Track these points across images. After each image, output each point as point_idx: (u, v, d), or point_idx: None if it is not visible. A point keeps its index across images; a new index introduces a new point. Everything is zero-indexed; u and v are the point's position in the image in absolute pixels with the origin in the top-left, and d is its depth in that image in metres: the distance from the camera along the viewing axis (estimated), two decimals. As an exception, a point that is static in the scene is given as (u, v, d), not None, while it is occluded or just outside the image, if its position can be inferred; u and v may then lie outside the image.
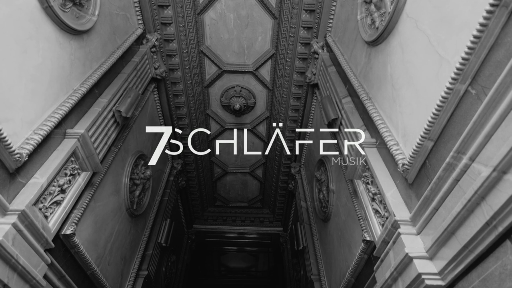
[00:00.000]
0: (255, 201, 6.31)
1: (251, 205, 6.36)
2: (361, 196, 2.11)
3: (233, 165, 5.59)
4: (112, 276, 2.76)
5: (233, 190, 6.09)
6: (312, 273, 3.50)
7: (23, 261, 1.47)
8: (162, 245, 3.94)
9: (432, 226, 1.35)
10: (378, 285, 1.65)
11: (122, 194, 2.94)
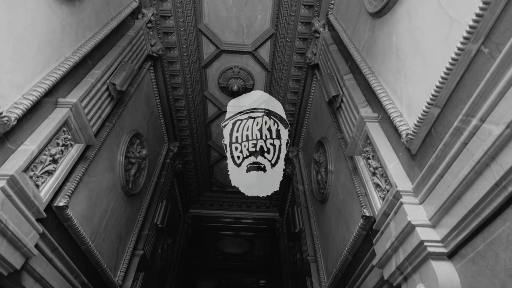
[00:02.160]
0: (252, 186, 6.29)
1: (248, 190, 6.34)
2: (361, 172, 2.07)
3: (230, 149, 5.53)
4: (107, 253, 2.73)
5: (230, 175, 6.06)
6: (309, 254, 3.50)
7: (12, 227, 1.41)
8: (158, 226, 3.91)
9: (435, 195, 1.31)
10: (377, 258, 1.63)
11: (117, 171, 2.89)
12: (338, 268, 2.56)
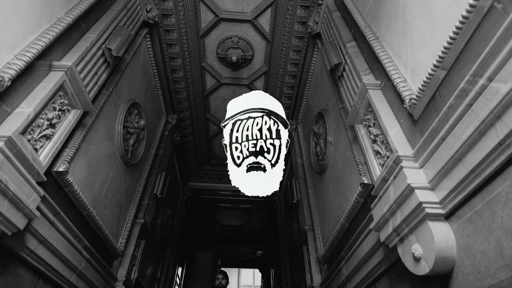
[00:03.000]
0: (250, 160, 6.33)
1: (246, 164, 6.39)
2: (361, 140, 2.07)
3: (229, 123, 5.50)
4: (108, 221, 2.77)
5: (229, 149, 6.07)
6: (306, 224, 3.58)
7: (13, 188, 1.42)
8: (157, 196, 3.96)
9: (436, 158, 1.31)
10: (374, 221, 1.66)
11: (116, 141, 2.87)
12: (335, 235, 2.63)
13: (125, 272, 3.08)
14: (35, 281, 1.83)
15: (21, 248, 1.65)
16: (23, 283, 1.73)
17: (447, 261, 1.22)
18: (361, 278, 2.05)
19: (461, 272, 1.19)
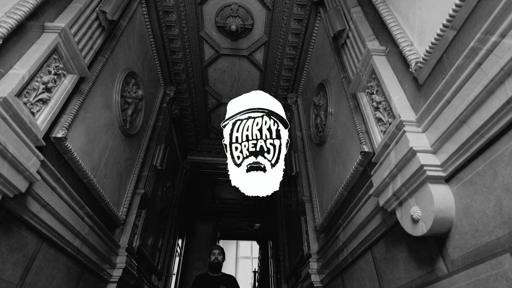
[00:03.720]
0: (249, 134, 6.32)
1: (245, 138, 6.38)
2: (363, 108, 2.05)
3: (227, 96, 5.42)
4: (109, 190, 2.79)
5: (228, 122, 6.04)
6: (304, 195, 3.64)
7: (12, 150, 1.40)
8: (157, 168, 3.97)
9: (440, 121, 1.30)
10: (374, 187, 1.68)
11: (114, 110, 2.83)
12: (333, 204, 2.67)
13: (127, 240, 3.15)
14: (40, 243, 1.87)
15: (23, 211, 1.66)
16: (28, 245, 1.76)
17: (445, 221, 1.24)
18: (358, 243, 2.11)
19: (458, 232, 1.21)
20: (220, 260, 3.27)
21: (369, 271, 1.99)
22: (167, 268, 5.02)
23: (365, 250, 2.06)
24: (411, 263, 1.53)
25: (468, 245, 1.15)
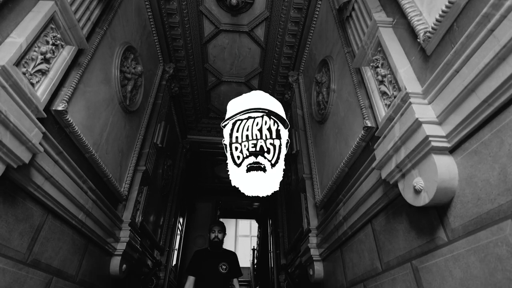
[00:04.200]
0: (249, 114, 6.28)
1: (245, 117, 6.35)
2: (368, 82, 2.02)
3: (227, 74, 5.34)
4: (111, 165, 2.80)
5: (228, 101, 5.97)
6: (304, 173, 3.67)
7: (13, 119, 1.38)
8: (158, 145, 3.97)
9: (447, 91, 1.28)
10: (377, 160, 1.69)
11: (113, 85, 2.78)
12: (334, 180, 2.70)
13: (130, 215, 3.20)
14: (45, 215, 1.89)
15: (28, 183, 1.67)
16: (33, 216, 1.78)
17: (448, 191, 1.25)
18: (358, 217, 2.15)
19: (460, 201, 1.23)
20: (221, 238, 3.02)
21: (369, 243, 2.04)
22: (169, 244, 5.14)
23: (365, 223, 2.10)
24: (411, 233, 1.56)
25: (470, 214, 1.17)
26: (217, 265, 2.82)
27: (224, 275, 2.78)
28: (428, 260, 1.41)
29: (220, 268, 2.79)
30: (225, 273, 2.79)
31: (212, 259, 2.89)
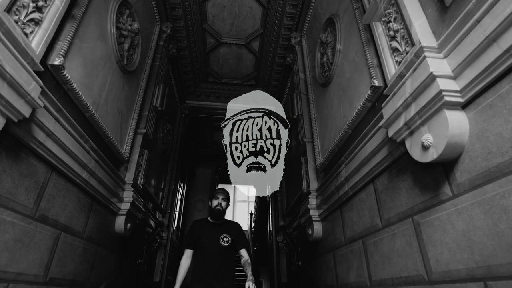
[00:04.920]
0: (249, 78, 6.14)
1: (244, 82, 6.21)
2: (378, 39, 1.93)
3: (227, 35, 5.12)
4: (111, 126, 2.77)
5: (227, 65, 5.81)
6: (305, 137, 3.66)
7: (10, 70, 1.32)
8: (157, 108, 3.90)
9: (465, 44, 1.23)
10: (384, 119, 1.67)
11: (110, 43, 2.66)
12: (336, 143, 2.70)
13: (132, 177, 3.23)
14: (49, 172, 1.89)
15: (29, 139, 1.64)
16: (38, 172, 1.78)
17: (457, 147, 1.25)
18: (360, 177, 2.18)
19: (468, 156, 1.23)
20: (224, 207, 2.57)
21: (370, 202, 2.09)
22: (170, 206, 5.26)
23: (367, 183, 2.13)
24: (414, 190, 1.59)
25: (478, 168, 1.18)
26: (218, 237, 2.42)
27: (226, 248, 2.39)
28: (431, 215, 1.44)
29: (222, 241, 2.40)
30: (226, 247, 2.40)
31: (212, 231, 2.48)
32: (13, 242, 1.59)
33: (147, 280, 4.28)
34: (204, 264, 2.32)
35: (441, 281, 1.35)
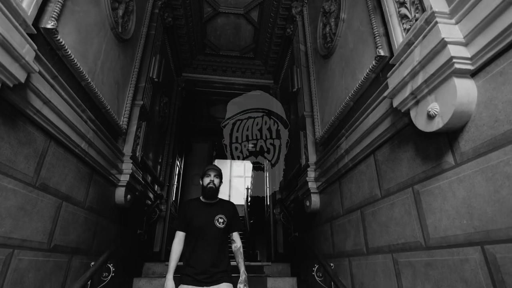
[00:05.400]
0: (248, 51, 5.97)
1: (242, 54, 6.05)
2: (386, 6, 1.86)
3: (225, 4, 4.91)
4: (108, 97, 2.70)
5: (225, 36, 5.62)
6: (305, 110, 3.64)
7: (2, 30, 1.25)
8: (154, 80, 3.81)
9: (480, 8, 1.18)
10: (389, 89, 1.64)
11: (104, 8, 2.53)
12: (337, 115, 2.69)
13: (130, 149, 3.21)
14: (47, 141, 1.86)
15: (26, 105, 1.60)
16: (36, 141, 1.75)
17: (464, 115, 1.24)
18: (361, 149, 2.19)
19: (474, 125, 1.23)
20: (217, 185, 2.30)
21: (369, 173, 2.11)
22: (169, 180, 5.30)
23: (367, 155, 2.14)
24: (416, 160, 1.60)
25: (483, 136, 1.18)
26: (213, 218, 2.20)
27: (222, 230, 2.18)
28: (431, 184, 1.46)
29: (217, 222, 2.19)
30: (222, 228, 2.19)
31: (206, 211, 2.24)
32: (15, 210, 1.59)
33: (147, 250, 4.40)
34: (197, 247, 2.12)
35: (438, 246, 1.40)
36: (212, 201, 2.31)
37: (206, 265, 2.06)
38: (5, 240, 1.53)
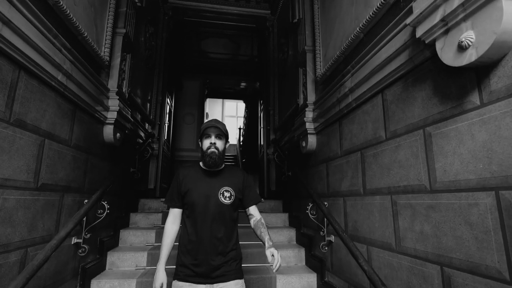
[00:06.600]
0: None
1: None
2: None
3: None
4: (84, 22, 2.34)
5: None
6: (306, 45, 3.32)
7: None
8: (136, 4, 3.34)
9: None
10: (414, 15, 1.41)
11: None
12: (343, 50, 2.44)
13: (115, 84, 2.95)
14: (16, 71, 1.61)
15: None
16: (2, 70, 1.51)
17: (504, 46, 1.06)
18: (368, 87, 2.02)
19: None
20: (220, 149, 1.74)
21: (375, 113, 1.98)
22: (160, 118, 5.12)
23: (375, 94, 1.99)
24: (432, 100, 1.46)
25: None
26: (217, 192, 1.72)
27: (227, 207, 1.71)
28: (447, 126, 1.35)
29: (221, 197, 1.71)
30: (228, 205, 1.71)
31: (207, 183, 1.75)
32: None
33: (142, 187, 4.45)
34: (197, 229, 1.67)
35: (444, 190, 1.35)
36: (215, 169, 1.80)
37: (208, 253, 1.64)
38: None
